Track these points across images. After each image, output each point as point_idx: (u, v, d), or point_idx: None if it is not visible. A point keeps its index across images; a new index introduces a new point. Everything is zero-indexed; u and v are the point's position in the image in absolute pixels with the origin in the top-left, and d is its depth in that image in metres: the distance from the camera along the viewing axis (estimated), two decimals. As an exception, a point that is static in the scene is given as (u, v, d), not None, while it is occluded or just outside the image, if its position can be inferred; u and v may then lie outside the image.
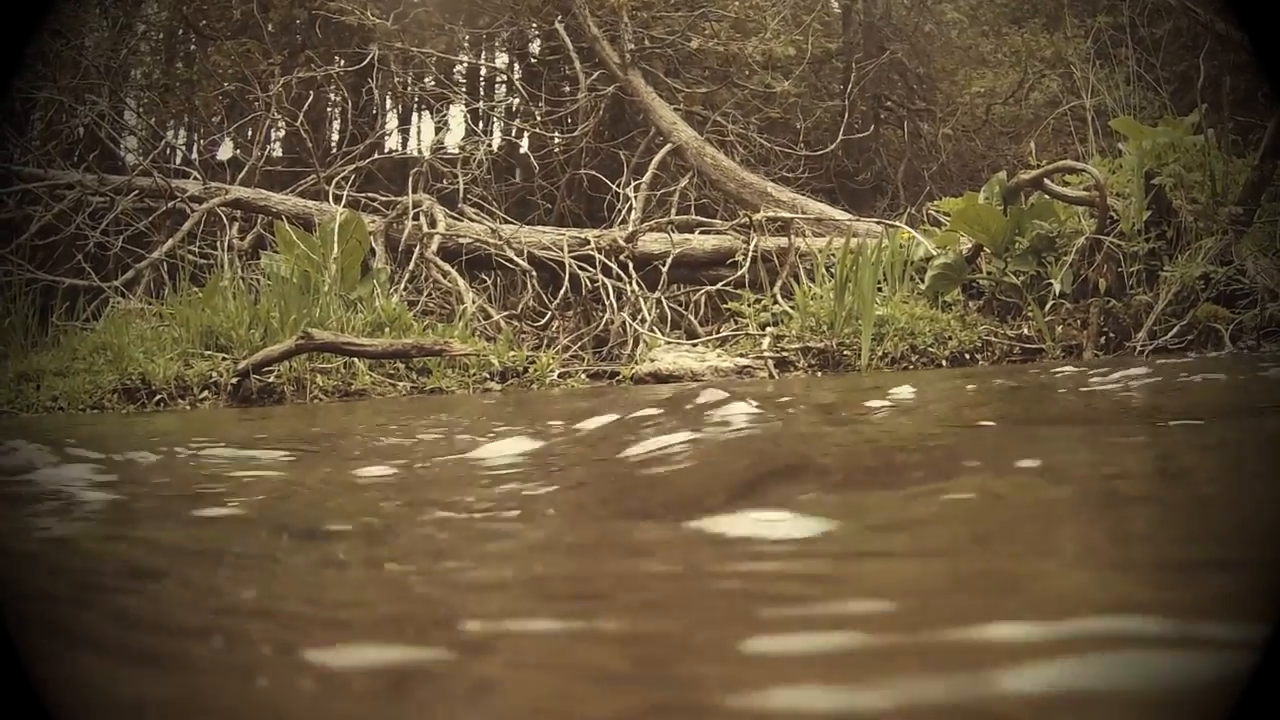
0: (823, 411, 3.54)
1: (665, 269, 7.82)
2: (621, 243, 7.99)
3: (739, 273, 7.52)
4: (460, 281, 7.63)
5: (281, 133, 11.10)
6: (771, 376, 5.75)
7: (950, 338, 6.02)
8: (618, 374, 6.14)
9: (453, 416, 4.26)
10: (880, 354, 5.94)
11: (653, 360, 5.89)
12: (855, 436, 2.56)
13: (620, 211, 8.81)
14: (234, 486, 2.35)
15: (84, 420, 5.16)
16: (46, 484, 2.22)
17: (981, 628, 0.92)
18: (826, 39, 11.93)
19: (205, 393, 5.71)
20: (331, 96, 11.48)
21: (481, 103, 11.92)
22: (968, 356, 5.97)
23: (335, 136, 11.68)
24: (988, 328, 6.15)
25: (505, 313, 7.74)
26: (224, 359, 5.94)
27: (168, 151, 10.75)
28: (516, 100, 11.71)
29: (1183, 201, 6.10)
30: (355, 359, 5.85)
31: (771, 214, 8.01)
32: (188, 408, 5.58)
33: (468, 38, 11.97)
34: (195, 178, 8.73)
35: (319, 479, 2.41)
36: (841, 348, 6.03)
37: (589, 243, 8.02)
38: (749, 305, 6.77)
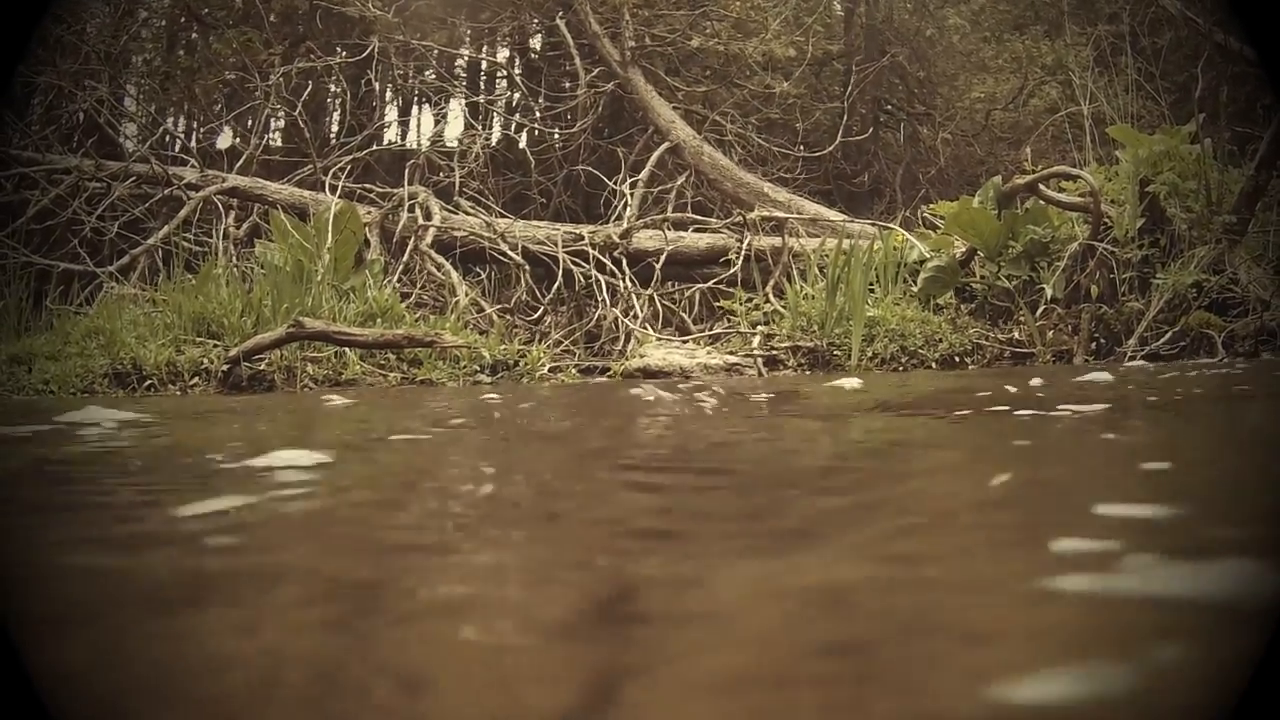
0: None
1: (659, 266, 7.82)
2: (616, 239, 8.00)
3: (732, 271, 7.53)
4: (454, 274, 7.64)
5: (280, 122, 11.10)
6: (760, 374, 5.76)
7: (941, 340, 6.03)
8: (608, 369, 6.14)
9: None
10: (870, 354, 5.95)
11: (643, 356, 5.90)
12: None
13: (616, 208, 8.80)
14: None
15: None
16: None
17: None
18: (828, 41, 11.96)
19: (196, 379, 5.71)
20: (331, 88, 11.47)
21: (481, 97, 11.91)
22: (958, 359, 5.97)
23: (334, 127, 11.68)
24: (979, 331, 6.16)
25: (498, 306, 7.74)
26: (215, 346, 5.95)
27: (166, 139, 10.76)
28: (516, 95, 11.71)
29: (1177, 210, 6.11)
30: (346, 348, 5.86)
31: (765, 213, 8.01)
32: (178, 393, 5.59)
33: (469, 32, 11.96)
34: (193, 165, 8.73)
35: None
36: (831, 347, 6.04)
37: (583, 238, 8.03)
38: (741, 304, 6.77)
